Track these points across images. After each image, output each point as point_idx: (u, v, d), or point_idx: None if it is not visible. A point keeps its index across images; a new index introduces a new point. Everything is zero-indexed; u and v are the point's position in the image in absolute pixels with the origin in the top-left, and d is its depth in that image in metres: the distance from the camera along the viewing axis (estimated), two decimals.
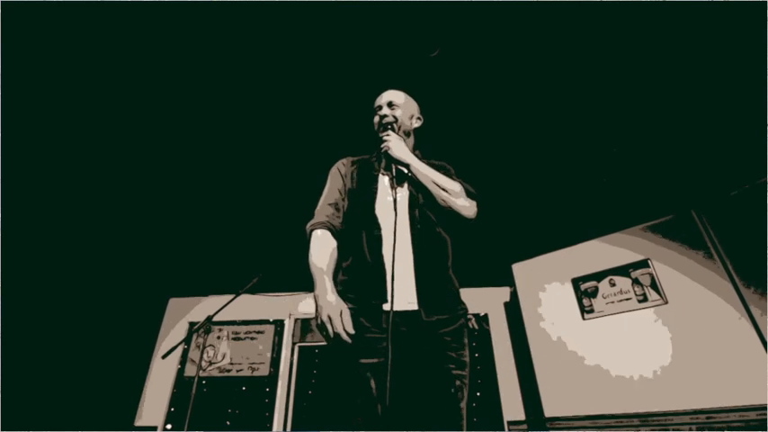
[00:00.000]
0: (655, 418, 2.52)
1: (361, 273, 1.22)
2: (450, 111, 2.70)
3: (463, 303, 1.28)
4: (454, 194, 1.36)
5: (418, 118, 1.61)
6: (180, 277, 4.42)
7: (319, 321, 1.12)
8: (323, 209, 1.39)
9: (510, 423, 3.57)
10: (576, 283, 3.19)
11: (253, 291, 2.87)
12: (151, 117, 2.69)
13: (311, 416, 3.83)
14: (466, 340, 1.20)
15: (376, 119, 1.56)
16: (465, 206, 1.36)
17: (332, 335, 1.08)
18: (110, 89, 2.49)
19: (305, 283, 4.71)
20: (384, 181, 1.42)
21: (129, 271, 4.09)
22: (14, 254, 2.82)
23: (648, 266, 2.88)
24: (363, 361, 1.08)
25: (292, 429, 3.77)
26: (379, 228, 1.27)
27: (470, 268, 3.97)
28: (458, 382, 1.10)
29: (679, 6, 2.03)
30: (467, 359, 1.16)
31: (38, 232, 3.25)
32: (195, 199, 3.42)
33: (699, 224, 2.76)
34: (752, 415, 2.22)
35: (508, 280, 3.76)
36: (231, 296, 2.82)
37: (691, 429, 2.38)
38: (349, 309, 1.14)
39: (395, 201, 1.28)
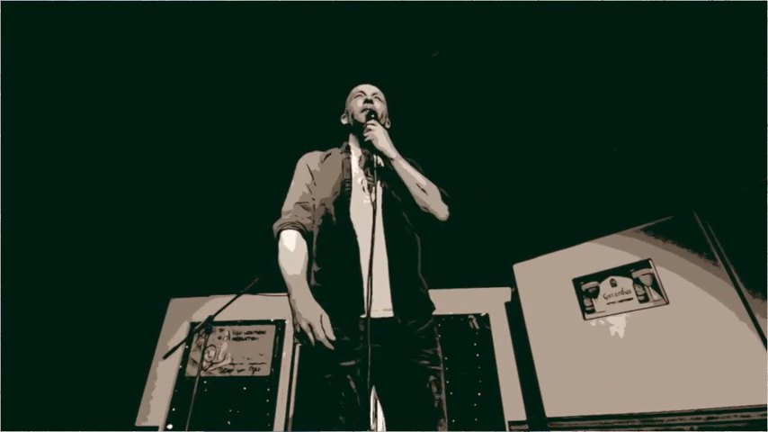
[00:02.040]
0: (656, 419, 2.51)
1: (336, 279, 1.19)
2: (451, 111, 2.70)
3: (432, 303, 1.28)
4: (433, 197, 1.33)
5: (389, 120, 1.61)
6: (181, 277, 4.43)
7: (299, 329, 1.09)
8: (291, 208, 1.35)
9: (511, 423, 3.57)
10: (577, 283, 3.19)
11: (254, 291, 2.88)
12: (152, 117, 2.70)
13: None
14: (437, 336, 1.22)
15: (358, 104, 1.51)
16: (441, 209, 1.34)
17: (313, 343, 1.06)
18: (110, 89, 2.50)
19: None
20: (358, 180, 1.37)
21: (130, 271, 4.10)
22: (15, 254, 2.82)
23: (650, 267, 2.88)
24: (343, 364, 1.07)
25: (293, 429, 3.77)
26: (353, 233, 1.22)
27: (471, 268, 3.99)
28: (432, 377, 1.12)
29: (679, 6, 2.03)
30: (440, 354, 1.18)
31: (39, 233, 3.26)
32: (196, 199, 3.43)
33: (700, 224, 2.76)
34: (753, 415, 2.22)
35: (509, 280, 3.76)
36: (232, 296, 2.83)
37: (692, 429, 2.38)
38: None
39: (373, 203, 1.21)
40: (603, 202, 3.33)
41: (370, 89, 1.57)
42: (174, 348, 2.74)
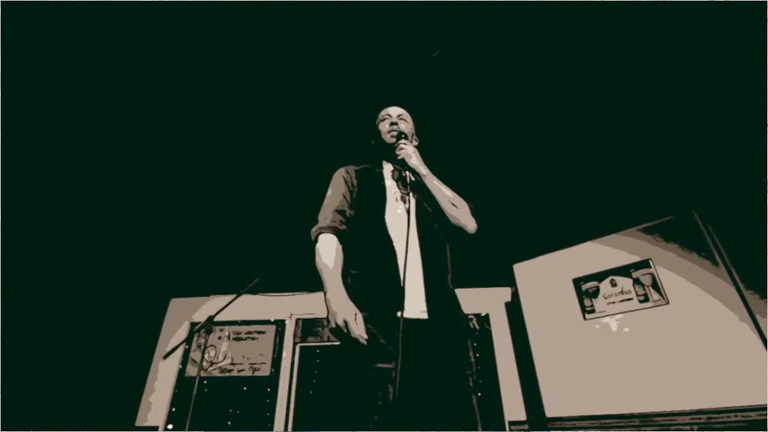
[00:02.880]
0: (656, 419, 2.51)
1: (373, 282, 1.25)
2: (451, 111, 2.70)
3: (462, 309, 1.34)
4: (462, 210, 1.42)
5: (416, 137, 1.68)
6: (181, 277, 4.43)
7: (334, 325, 1.13)
8: (329, 214, 1.40)
9: (511, 423, 3.57)
10: (577, 283, 3.19)
11: (254, 291, 2.88)
12: (152, 118, 2.70)
13: (312, 416, 3.83)
14: (468, 341, 1.27)
15: (384, 126, 1.60)
16: (470, 222, 1.43)
17: (350, 339, 1.11)
18: (110, 89, 2.50)
19: (306, 283, 4.74)
20: (392, 191, 1.45)
21: (130, 271, 4.10)
22: (16, 255, 2.82)
23: (650, 267, 2.88)
24: (380, 365, 1.10)
25: (293, 429, 3.77)
26: (390, 238, 1.30)
27: (472, 268, 3.98)
28: (465, 378, 1.18)
29: (679, 6, 2.03)
30: (472, 358, 1.23)
31: (39, 233, 3.26)
32: (196, 199, 3.42)
33: (700, 224, 2.76)
34: (753, 415, 2.22)
35: (509, 280, 3.76)
36: (232, 296, 2.82)
37: (692, 429, 2.38)
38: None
39: (408, 211, 1.30)
40: (603, 202, 3.33)
41: (395, 111, 1.65)
42: (174, 348, 2.74)
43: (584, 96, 2.60)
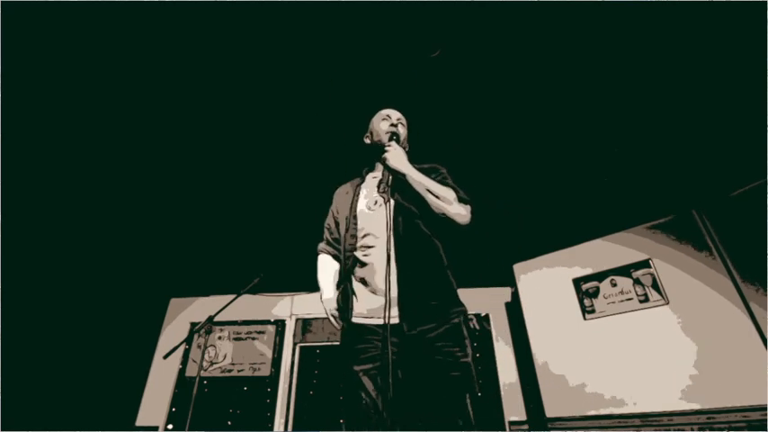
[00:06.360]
0: (656, 419, 2.51)
1: (345, 293, 1.41)
2: (451, 111, 2.70)
3: (459, 305, 1.33)
4: (447, 202, 1.38)
5: (407, 143, 1.71)
6: (181, 277, 4.43)
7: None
8: (324, 232, 1.66)
9: (511, 423, 3.57)
10: (577, 283, 3.19)
11: (254, 291, 2.88)
12: (152, 118, 2.70)
13: (312, 416, 3.83)
14: (464, 339, 1.25)
15: (384, 126, 1.62)
16: (459, 213, 1.39)
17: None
18: (110, 89, 2.49)
19: (306, 283, 4.73)
20: (371, 197, 1.51)
21: (130, 271, 4.10)
22: (16, 255, 2.82)
23: (650, 267, 2.88)
24: (356, 368, 1.21)
25: (293, 429, 3.77)
26: (354, 250, 1.43)
27: (472, 268, 3.98)
28: (453, 382, 1.17)
29: (679, 6, 2.03)
30: (463, 357, 1.21)
31: (39, 233, 3.26)
32: (196, 199, 3.42)
33: (700, 224, 2.76)
34: (753, 415, 2.22)
35: (509, 280, 3.76)
36: (232, 296, 2.82)
37: (692, 430, 2.38)
38: (341, 322, 1.38)
39: (387, 217, 1.29)
40: (604, 202, 3.33)
41: (395, 114, 1.67)
42: (175, 348, 2.73)
43: (585, 96, 2.60)
